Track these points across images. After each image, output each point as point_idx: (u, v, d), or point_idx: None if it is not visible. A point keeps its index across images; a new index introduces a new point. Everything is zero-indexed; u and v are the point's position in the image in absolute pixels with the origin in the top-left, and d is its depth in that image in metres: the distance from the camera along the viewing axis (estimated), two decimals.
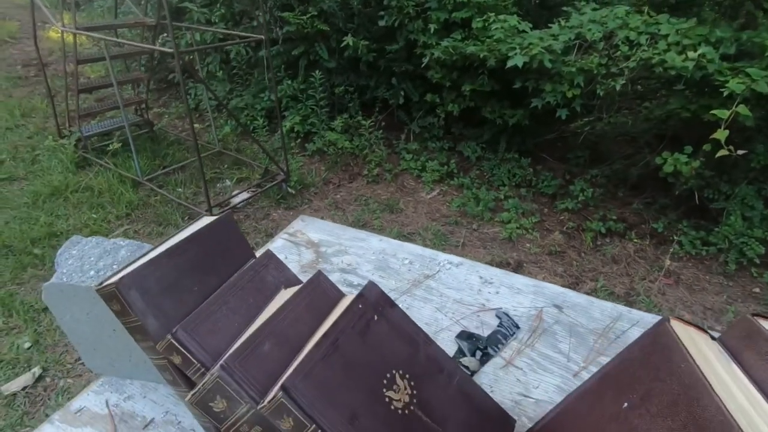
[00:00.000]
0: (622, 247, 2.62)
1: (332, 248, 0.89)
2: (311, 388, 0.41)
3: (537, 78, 2.67)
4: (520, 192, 3.08)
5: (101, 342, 0.61)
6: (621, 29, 2.42)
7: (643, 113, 3.58)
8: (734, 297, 2.30)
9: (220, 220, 0.59)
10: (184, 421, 0.58)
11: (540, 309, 0.72)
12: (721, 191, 2.64)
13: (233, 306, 0.51)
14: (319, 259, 0.86)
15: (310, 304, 0.52)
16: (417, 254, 0.87)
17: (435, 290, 0.77)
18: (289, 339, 0.47)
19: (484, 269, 0.82)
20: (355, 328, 0.48)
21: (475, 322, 0.70)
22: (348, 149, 3.33)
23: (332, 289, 0.55)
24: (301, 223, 0.98)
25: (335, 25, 3.34)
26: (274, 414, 0.39)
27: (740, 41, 2.25)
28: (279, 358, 0.45)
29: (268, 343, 0.46)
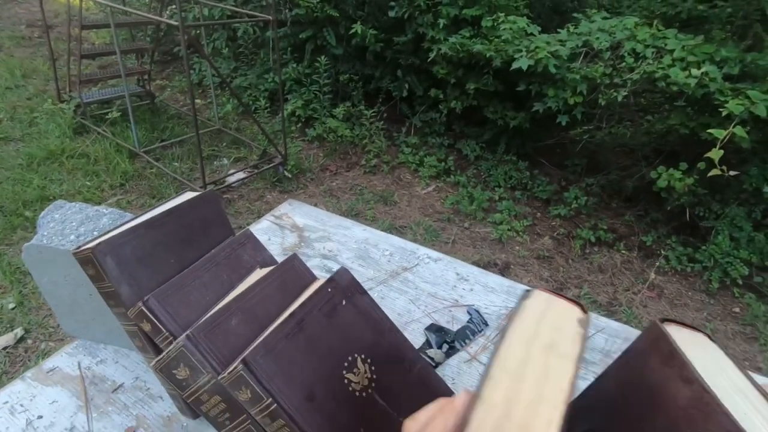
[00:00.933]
0: (610, 257, 2.65)
1: (316, 234, 0.91)
2: (272, 363, 0.42)
3: (541, 82, 2.68)
4: (514, 194, 3.10)
5: (77, 305, 0.62)
6: (628, 40, 2.42)
7: (645, 126, 3.59)
8: (714, 315, 2.34)
9: (203, 196, 0.60)
10: (152, 388, 0.60)
11: (511, 309, 0.74)
12: (712, 210, 2.66)
13: (207, 281, 0.52)
14: (301, 243, 0.88)
15: (282, 284, 0.53)
16: (398, 246, 0.88)
17: (411, 282, 0.79)
18: (257, 316, 0.49)
19: (461, 266, 0.83)
20: (322, 310, 0.49)
21: (446, 316, 0.72)
22: (348, 138, 3.33)
23: (305, 272, 0.57)
24: (288, 206, 0.99)
25: (345, 11, 3.32)
26: (233, 385, 0.41)
27: (744, 62, 2.26)
28: (245, 334, 0.47)
29: (235, 318, 0.47)
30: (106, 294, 0.49)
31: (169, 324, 0.47)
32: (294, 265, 0.56)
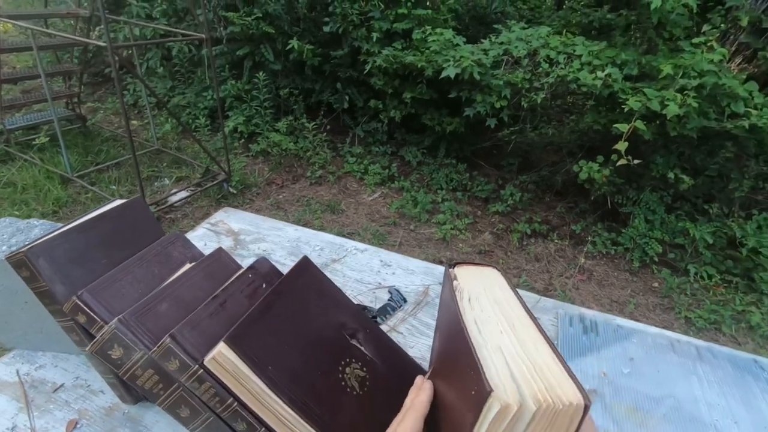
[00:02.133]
0: (545, 247, 2.86)
1: (251, 236, 0.97)
2: (197, 336, 0.49)
3: (470, 89, 2.87)
4: (456, 195, 3.26)
5: (13, 315, 0.65)
6: (543, 48, 2.66)
7: (570, 125, 3.91)
8: (637, 291, 2.59)
9: (131, 202, 0.65)
10: (93, 384, 0.63)
11: (427, 286, 0.84)
12: (629, 197, 2.95)
13: (138, 275, 0.58)
14: (237, 246, 0.93)
15: (209, 274, 0.60)
16: (328, 241, 0.96)
17: (339, 272, 0.87)
18: (186, 301, 0.55)
19: (385, 254, 0.93)
20: (244, 292, 0.56)
21: (370, 297, 0.80)
22: (292, 151, 3.38)
23: (231, 263, 0.63)
24: (223, 213, 1.04)
25: (281, 28, 3.39)
26: (163, 357, 0.47)
27: (641, 64, 2.55)
28: (174, 316, 0.53)
29: (165, 303, 0.53)
30: (41, 294, 0.54)
31: (103, 314, 0.52)
32: (220, 257, 0.62)
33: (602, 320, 0.78)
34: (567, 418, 0.29)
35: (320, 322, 0.55)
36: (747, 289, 2.50)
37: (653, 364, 0.69)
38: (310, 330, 0.53)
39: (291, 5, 3.39)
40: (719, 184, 3.00)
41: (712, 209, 2.85)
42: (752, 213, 2.82)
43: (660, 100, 2.22)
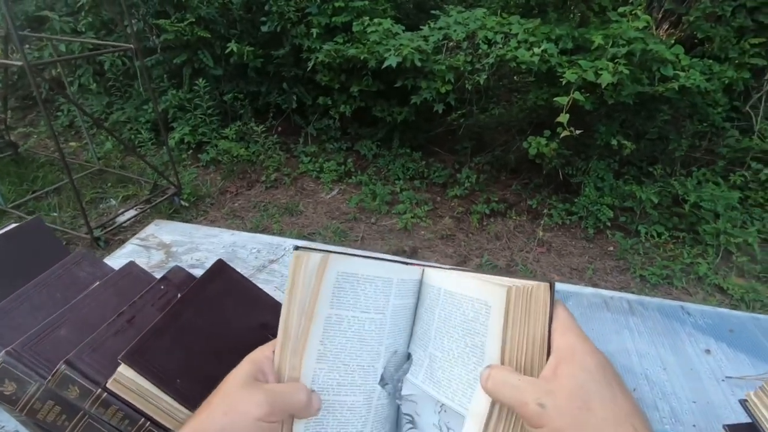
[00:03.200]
0: (504, 225, 2.91)
1: (183, 247, 0.92)
2: (99, 358, 0.45)
3: (414, 77, 2.87)
4: (414, 184, 3.27)
5: None
6: (481, 30, 2.69)
7: (518, 104, 3.99)
8: (594, 256, 2.68)
9: (27, 224, 0.61)
10: (7, 425, 0.59)
11: None
12: (578, 168, 3.04)
13: (37, 302, 0.54)
14: (168, 259, 0.89)
15: (119, 290, 0.56)
16: (265, 243, 0.93)
17: (277, 272, 0.84)
18: (90, 323, 0.51)
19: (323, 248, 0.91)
20: (155, 305, 0.53)
21: None
22: (244, 157, 3.30)
23: (145, 276, 0.60)
24: (154, 227, 1.00)
25: (217, 31, 3.28)
26: (60, 386, 0.43)
27: (575, 38, 2.62)
28: (78, 341, 0.49)
29: (65, 328, 0.49)
30: None
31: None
32: (131, 272, 0.59)
33: None
34: (540, 300, 0.33)
35: (240, 326, 0.53)
36: (693, 242, 2.64)
37: (588, 323, 0.70)
38: (227, 335, 0.51)
39: (225, 7, 3.29)
40: (660, 146, 3.14)
41: (656, 171, 2.98)
42: (692, 170, 2.97)
43: (594, 70, 2.29)
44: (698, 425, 0.54)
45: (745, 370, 0.62)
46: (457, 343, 0.38)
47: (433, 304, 0.41)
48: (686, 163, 3.08)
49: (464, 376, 0.37)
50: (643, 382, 0.60)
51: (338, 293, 0.38)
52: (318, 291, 0.37)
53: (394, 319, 0.41)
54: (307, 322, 0.37)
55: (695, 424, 0.54)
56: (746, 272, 2.45)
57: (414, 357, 0.42)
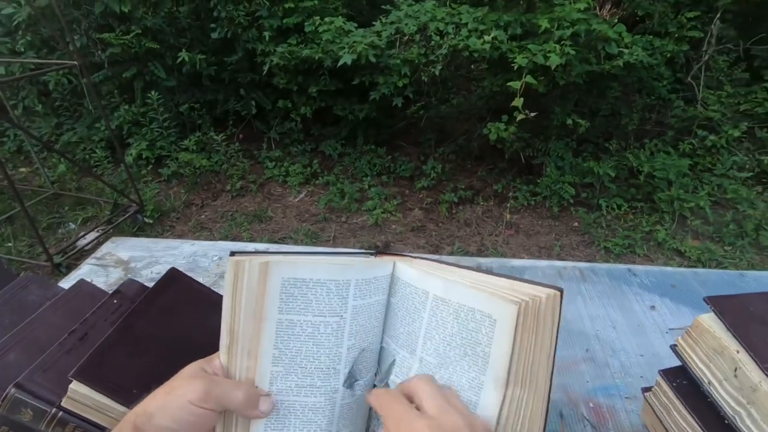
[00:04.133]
0: (472, 211, 2.97)
1: (142, 262, 0.91)
2: (51, 378, 0.45)
3: (371, 73, 2.88)
4: (381, 179, 3.29)
5: None
6: (431, 21, 2.72)
7: (476, 92, 4.05)
8: (560, 233, 2.76)
9: None
10: None
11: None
12: (539, 149, 3.13)
13: None
14: (127, 275, 0.87)
15: (70, 310, 0.55)
16: (227, 249, 0.93)
17: None
18: (41, 344, 0.50)
19: (288, 249, 0.91)
20: (108, 320, 0.52)
21: None
22: (206, 167, 3.24)
23: (98, 293, 0.59)
24: (111, 245, 0.97)
25: (166, 41, 3.20)
26: (11, 410, 0.43)
27: (523, 23, 2.69)
28: (28, 364, 0.48)
29: (13, 353, 0.48)
30: None
31: None
32: (82, 289, 0.58)
33: (497, 265, 0.82)
34: (549, 310, 0.35)
35: (199, 331, 0.53)
36: (650, 210, 2.76)
37: None
38: (187, 341, 0.51)
39: (172, 16, 3.21)
40: (613, 121, 3.26)
41: (611, 145, 3.10)
42: (644, 142, 3.10)
43: (543, 53, 2.36)
44: (645, 376, 0.58)
45: (687, 321, 0.66)
46: (456, 350, 0.37)
47: (419, 308, 0.39)
48: (639, 136, 3.22)
49: (465, 383, 0.36)
50: (594, 342, 0.64)
51: (286, 299, 0.37)
52: (264, 297, 0.36)
53: (356, 320, 0.39)
54: (257, 324, 0.37)
55: (642, 375, 0.58)
56: (700, 234, 2.58)
57: (398, 358, 0.41)
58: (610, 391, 0.56)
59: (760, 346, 0.36)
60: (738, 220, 2.59)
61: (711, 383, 0.40)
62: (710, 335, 0.40)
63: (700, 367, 0.41)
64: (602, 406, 0.54)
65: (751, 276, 0.74)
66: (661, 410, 0.46)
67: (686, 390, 0.43)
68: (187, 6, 3.25)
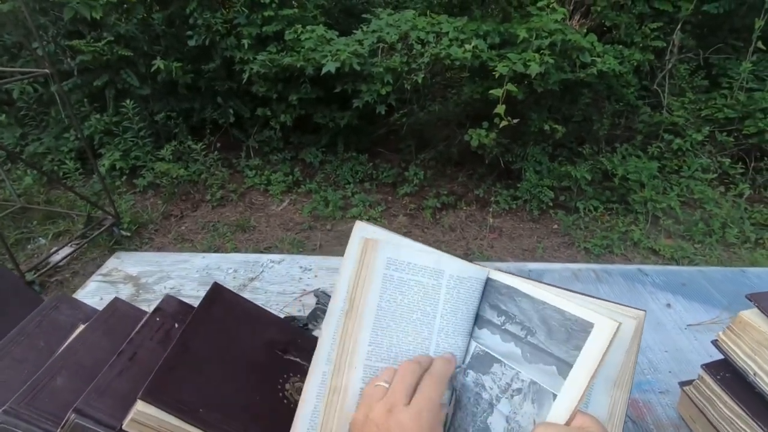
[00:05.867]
0: (456, 216, 3.02)
1: (153, 277, 0.88)
2: (109, 402, 0.43)
3: (353, 81, 2.90)
4: (364, 186, 3.30)
5: None
6: (413, 30, 2.76)
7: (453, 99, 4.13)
8: (542, 236, 2.85)
9: None
10: None
11: None
12: (517, 154, 3.22)
13: (18, 355, 0.50)
14: (140, 291, 0.85)
15: (109, 329, 0.53)
16: (240, 261, 0.91)
17: (260, 289, 0.83)
18: (87, 367, 0.48)
19: (303, 259, 0.91)
20: (154, 339, 0.51)
21: (297, 306, 0.78)
22: (184, 177, 3.15)
23: (133, 311, 0.57)
24: (116, 260, 0.94)
25: (139, 49, 3.11)
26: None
27: (501, 32, 2.77)
28: (77, 388, 0.46)
29: (60, 377, 0.46)
30: None
31: None
32: (117, 308, 0.56)
33: (516, 269, 0.85)
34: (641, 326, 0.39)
35: (247, 346, 0.52)
36: (625, 212, 2.89)
37: None
38: (238, 357, 0.50)
39: (145, 23, 3.13)
40: (586, 127, 3.40)
41: (585, 150, 3.22)
42: (615, 146, 3.24)
43: (522, 61, 2.44)
44: (673, 371, 0.61)
45: (701, 317, 0.70)
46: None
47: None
48: (610, 140, 3.37)
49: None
50: None
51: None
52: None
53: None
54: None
55: (671, 370, 0.61)
56: (672, 233, 2.72)
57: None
58: (643, 387, 0.59)
59: None
60: (705, 219, 2.74)
61: (757, 374, 0.43)
62: (755, 329, 0.43)
63: (744, 360, 0.44)
64: (639, 402, 0.57)
65: (751, 272, 0.79)
66: (704, 402, 0.48)
67: (730, 382, 0.46)
68: (162, 13, 3.17)
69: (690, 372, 0.60)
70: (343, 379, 0.42)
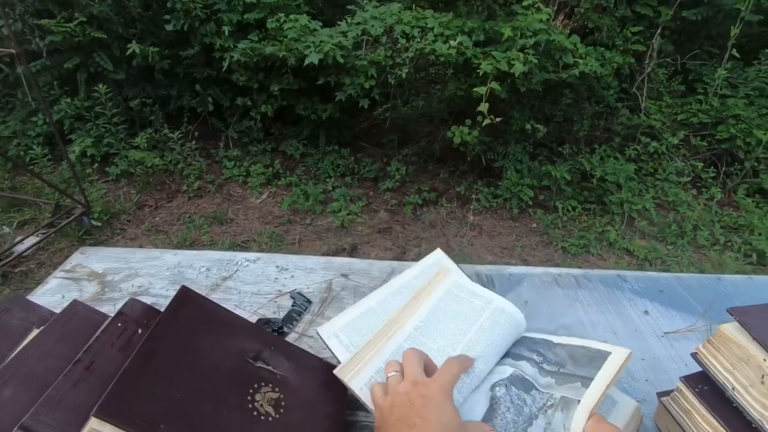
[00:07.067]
0: (437, 213, 3.02)
1: (120, 274, 0.84)
2: (61, 415, 0.40)
3: (336, 73, 2.84)
4: (345, 181, 3.26)
5: None
6: (398, 24, 2.73)
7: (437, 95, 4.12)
8: (521, 234, 2.87)
9: None
10: None
11: (330, 280, 0.82)
12: (499, 152, 3.23)
13: None
14: (105, 290, 0.80)
15: (65, 335, 0.50)
16: (214, 259, 0.88)
17: (234, 289, 0.80)
18: (39, 376, 0.45)
19: (281, 258, 0.88)
20: (115, 345, 0.48)
21: (272, 308, 0.76)
22: (160, 166, 3.05)
23: (94, 315, 0.53)
24: (80, 256, 0.89)
25: (114, 31, 2.98)
26: None
27: (486, 30, 2.77)
28: (28, 399, 0.43)
29: (7, 388, 0.43)
30: None
31: None
32: (76, 312, 0.52)
33: (496, 272, 0.84)
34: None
35: (215, 355, 0.49)
36: (602, 212, 2.93)
37: (544, 301, 0.76)
38: (205, 366, 0.48)
39: (121, 4, 3.00)
40: (566, 127, 3.44)
41: (564, 150, 3.26)
42: (594, 147, 3.29)
43: (506, 60, 2.44)
44: (650, 379, 0.61)
45: (677, 324, 0.71)
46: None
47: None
48: (589, 141, 3.42)
49: None
50: None
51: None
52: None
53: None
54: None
55: (647, 378, 0.61)
56: (647, 234, 2.78)
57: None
58: None
59: None
60: (678, 221, 2.81)
61: (736, 389, 0.43)
62: (734, 344, 0.43)
63: (723, 374, 0.44)
64: None
65: (726, 279, 0.80)
66: (681, 414, 0.48)
67: (708, 395, 0.45)
68: None
69: (666, 381, 0.60)
70: (390, 334, 0.55)
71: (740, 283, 0.79)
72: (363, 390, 0.50)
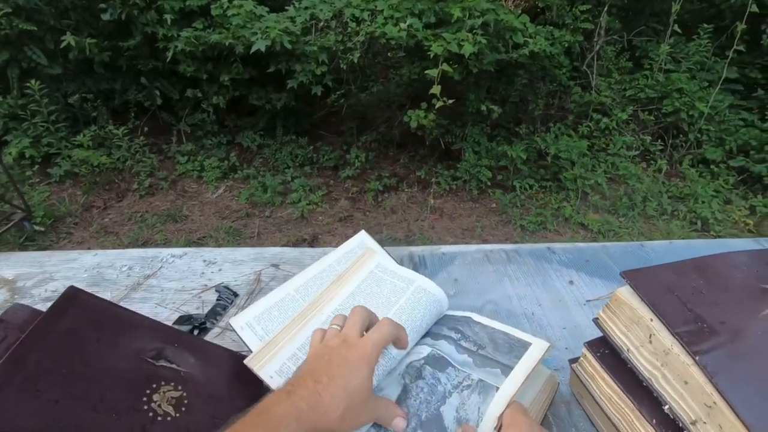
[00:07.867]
0: (398, 198, 3.01)
1: (33, 279, 0.79)
2: None
3: (287, 60, 2.77)
4: (304, 171, 3.21)
5: None
6: (347, 8, 2.67)
7: (395, 80, 4.09)
8: (481, 215, 2.91)
9: None
10: None
11: (258, 272, 0.79)
12: (457, 135, 3.24)
13: None
14: (15, 296, 0.75)
15: None
16: (138, 257, 0.83)
17: (156, 287, 0.76)
18: None
19: (208, 252, 0.84)
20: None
21: (195, 304, 0.73)
22: (107, 165, 2.91)
23: None
24: None
25: (45, 23, 2.80)
26: None
27: (436, 11, 2.74)
28: None
29: None
30: None
31: None
32: None
33: (429, 252, 0.83)
34: None
35: (105, 358, 0.47)
36: (558, 189, 3.00)
37: (474, 278, 0.76)
38: (92, 371, 0.45)
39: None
40: (522, 107, 3.48)
41: (521, 130, 3.31)
42: (549, 126, 3.35)
43: (456, 41, 2.43)
44: (569, 347, 0.62)
45: (600, 292, 0.72)
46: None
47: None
48: (544, 120, 3.48)
49: None
50: (523, 320, 0.67)
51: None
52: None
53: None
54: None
55: (567, 347, 0.62)
56: (600, 208, 2.87)
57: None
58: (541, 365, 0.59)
59: (669, 314, 0.40)
60: (629, 193, 2.91)
61: (630, 350, 0.43)
62: (627, 307, 0.44)
63: (619, 337, 0.45)
64: None
65: (649, 246, 0.83)
66: (587, 379, 0.49)
67: (608, 359, 0.46)
68: None
69: None
70: (307, 319, 0.55)
71: (661, 248, 0.82)
72: (273, 378, 0.48)
